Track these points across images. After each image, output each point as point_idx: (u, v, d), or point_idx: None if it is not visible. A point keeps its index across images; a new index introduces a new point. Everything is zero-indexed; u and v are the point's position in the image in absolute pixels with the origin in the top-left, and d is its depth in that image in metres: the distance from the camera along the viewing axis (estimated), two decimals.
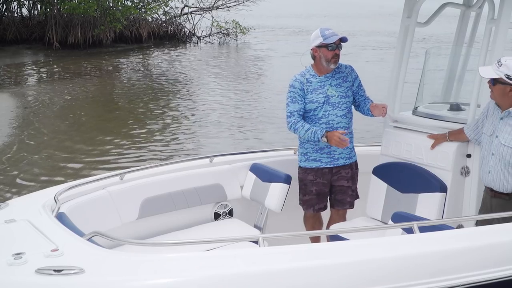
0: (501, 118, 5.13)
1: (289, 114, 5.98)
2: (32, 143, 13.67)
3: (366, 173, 6.22)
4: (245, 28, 38.72)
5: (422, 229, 4.45)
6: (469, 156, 5.69)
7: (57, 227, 4.36)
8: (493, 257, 4.25)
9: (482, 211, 5.39)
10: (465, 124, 5.67)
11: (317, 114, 5.97)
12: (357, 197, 6.28)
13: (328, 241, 5.54)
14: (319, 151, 6.04)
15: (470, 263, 4.14)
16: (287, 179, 5.98)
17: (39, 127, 15.19)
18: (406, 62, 6.27)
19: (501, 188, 5.15)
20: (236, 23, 38.52)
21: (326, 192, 6.21)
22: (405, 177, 5.86)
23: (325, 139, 5.80)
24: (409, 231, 4.45)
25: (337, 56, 5.93)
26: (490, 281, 4.11)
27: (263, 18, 53.95)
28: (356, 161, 6.23)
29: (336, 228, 6.01)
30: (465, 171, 5.70)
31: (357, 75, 6.17)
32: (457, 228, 5.00)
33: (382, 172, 6.09)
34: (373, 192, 6.14)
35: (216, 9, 38.93)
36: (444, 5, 6.41)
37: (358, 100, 6.18)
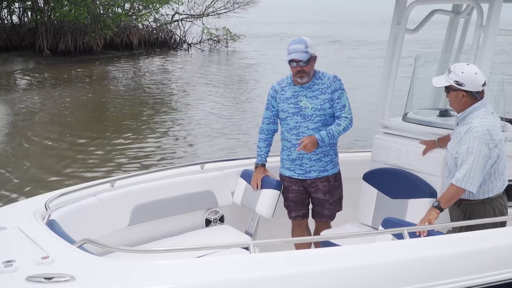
0: (457, 124, 5.17)
1: (262, 119, 6.20)
2: (23, 150, 13.65)
3: (357, 179, 6.23)
4: (235, 35, 38.90)
5: (412, 235, 4.48)
6: None
7: (48, 234, 4.35)
8: (483, 262, 4.27)
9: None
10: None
11: (288, 124, 5.91)
12: (338, 209, 6.15)
13: (318, 247, 5.57)
14: (292, 161, 5.99)
15: (460, 269, 4.15)
16: (277, 186, 5.98)
17: (30, 134, 15.15)
18: (395, 68, 6.29)
19: None
20: (226, 30, 38.67)
21: (304, 200, 6.11)
22: (395, 183, 5.87)
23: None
24: (399, 236, 4.47)
25: (300, 72, 5.75)
26: (480, 286, 4.13)
27: (254, 25, 54.05)
28: (335, 174, 6.03)
29: (326, 234, 6.02)
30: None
31: (340, 87, 5.82)
32: (447, 233, 5.02)
33: (372, 178, 6.10)
34: (364, 198, 6.15)
35: (207, 16, 39.12)
36: (433, 12, 6.46)
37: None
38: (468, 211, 5.08)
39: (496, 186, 5.01)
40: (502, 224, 4.96)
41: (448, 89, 4.99)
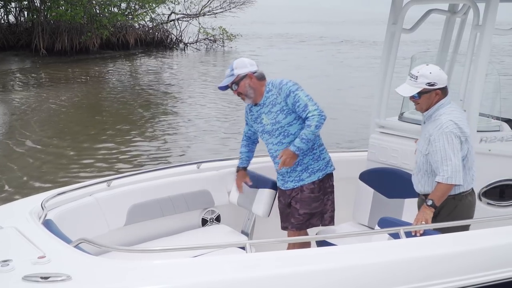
0: (424, 122, 5.20)
1: (244, 131, 6.18)
2: (19, 149, 13.62)
3: (353, 179, 6.24)
4: (231, 34, 38.87)
5: (409, 234, 4.49)
6: None
7: (44, 234, 4.35)
8: (479, 262, 4.28)
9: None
10: None
11: (263, 142, 5.87)
12: (305, 224, 5.75)
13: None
14: (277, 173, 5.88)
15: (456, 268, 4.16)
16: (274, 185, 5.98)
17: (26, 133, 15.13)
18: (392, 68, 6.30)
19: (416, 188, 5.27)
20: (223, 30, 38.64)
21: (289, 213, 5.88)
22: (391, 183, 5.88)
23: None
24: (395, 236, 4.48)
25: (239, 95, 5.65)
26: (476, 286, 4.14)
27: (250, 24, 54.04)
28: (312, 182, 5.69)
29: (323, 234, 6.02)
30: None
31: (290, 91, 5.47)
32: (442, 233, 5.03)
33: (369, 177, 6.11)
34: (360, 198, 6.16)
35: (203, 15, 39.09)
36: (429, 12, 6.46)
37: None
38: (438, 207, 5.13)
39: (466, 181, 5.04)
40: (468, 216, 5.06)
41: (420, 94, 4.99)
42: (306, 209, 5.71)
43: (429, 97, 5.00)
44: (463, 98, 5.66)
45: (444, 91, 5.01)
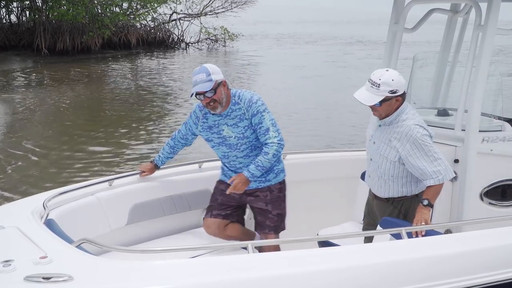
0: (379, 125, 5.16)
1: (179, 129, 6.09)
2: (20, 149, 13.62)
3: (354, 178, 6.24)
4: (233, 34, 38.92)
5: (410, 235, 4.48)
6: (456, 161, 5.72)
7: (46, 234, 4.34)
8: (481, 262, 4.27)
9: (365, 208, 5.57)
10: (453, 129, 5.70)
11: (218, 154, 5.69)
12: (281, 225, 5.67)
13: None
14: (234, 173, 5.65)
15: (458, 268, 4.15)
16: None
17: (28, 133, 15.15)
18: (394, 67, 6.29)
19: (378, 193, 5.27)
20: (224, 29, 38.67)
21: (232, 205, 5.72)
22: None
23: None
24: (397, 236, 4.47)
25: (209, 104, 5.33)
26: (478, 286, 4.13)
27: (252, 24, 54.00)
28: (279, 183, 5.62)
29: (325, 234, 6.01)
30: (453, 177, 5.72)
31: (257, 111, 5.34)
32: (445, 233, 5.02)
33: None
34: (361, 197, 6.14)
35: (205, 15, 39.13)
36: (431, 11, 6.46)
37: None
38: (403, 207, 5.16)
39: None
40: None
41: (381, 101, 4.92)
42: (278, 209, 5.63)
43: (390, 104, 4.95)
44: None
45: (403, 97, 5.00)
